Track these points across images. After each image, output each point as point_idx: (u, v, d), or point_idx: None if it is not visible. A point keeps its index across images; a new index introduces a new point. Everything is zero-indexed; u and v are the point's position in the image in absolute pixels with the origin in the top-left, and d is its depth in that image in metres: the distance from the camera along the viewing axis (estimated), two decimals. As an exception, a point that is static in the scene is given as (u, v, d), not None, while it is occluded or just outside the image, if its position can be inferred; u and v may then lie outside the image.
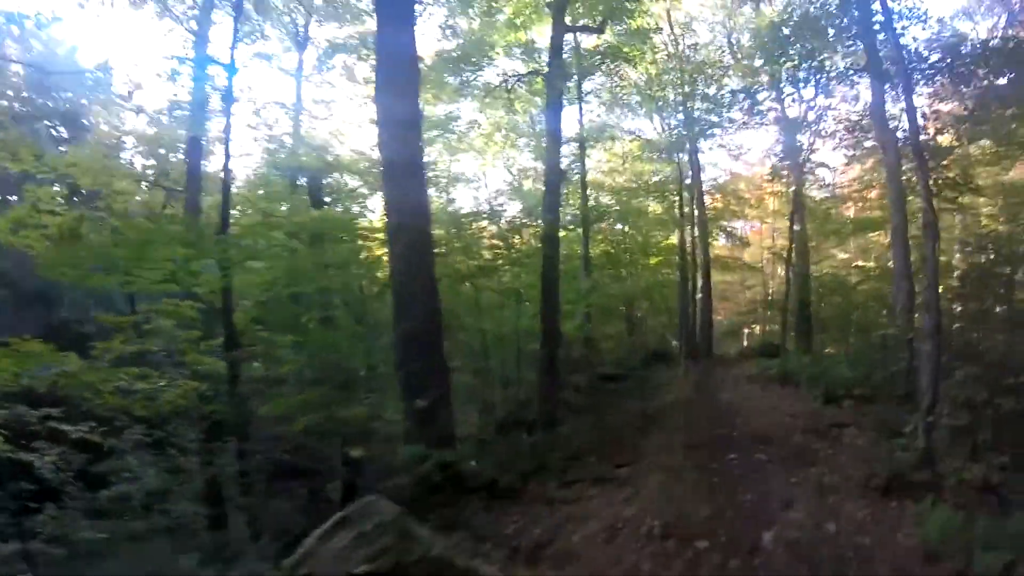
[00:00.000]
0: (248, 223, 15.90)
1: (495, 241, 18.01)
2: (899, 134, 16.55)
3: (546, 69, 18.41)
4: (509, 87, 20.84)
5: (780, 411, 15.04)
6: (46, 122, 22.76)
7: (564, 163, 25.28)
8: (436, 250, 17.02)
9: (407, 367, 10.45)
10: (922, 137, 14.56)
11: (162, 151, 21.53)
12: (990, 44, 16.68)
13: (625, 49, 21.59)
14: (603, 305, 24.87)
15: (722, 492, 8.83)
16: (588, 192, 26.37)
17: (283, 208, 18.31)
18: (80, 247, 13.00)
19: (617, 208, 27.52)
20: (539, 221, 17.99)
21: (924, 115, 16.14)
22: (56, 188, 17.08)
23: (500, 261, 16.95)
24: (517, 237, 18.22)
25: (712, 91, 22.56)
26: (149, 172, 22.04)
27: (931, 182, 13.46)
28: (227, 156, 15.23)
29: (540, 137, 22.66)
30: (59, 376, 11.11)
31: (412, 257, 10.76)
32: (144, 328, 12.98)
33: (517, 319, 16.84)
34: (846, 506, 8.19)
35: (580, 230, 24.46)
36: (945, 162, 18.42)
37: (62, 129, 23.50)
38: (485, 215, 19.45)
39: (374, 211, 21.25)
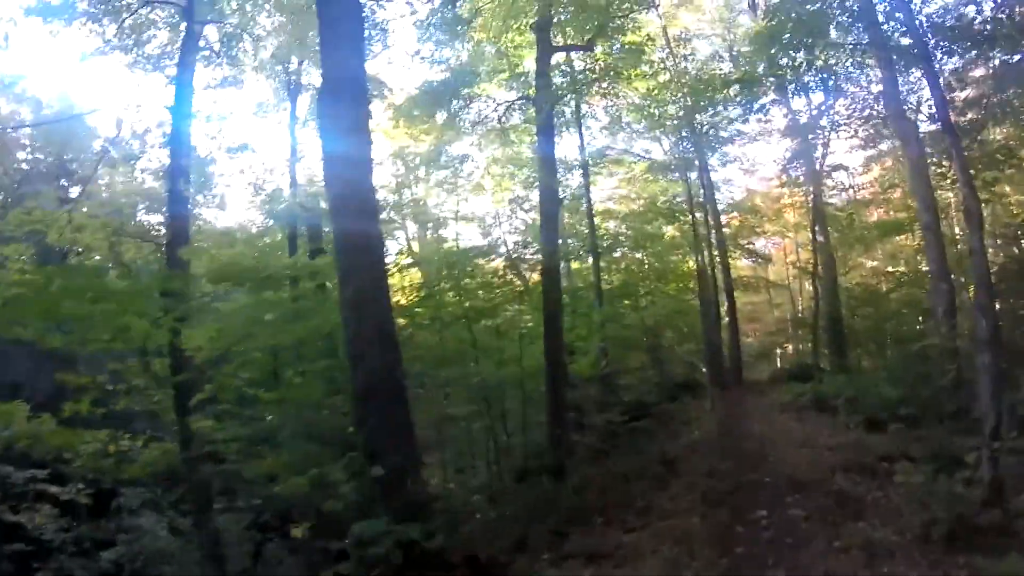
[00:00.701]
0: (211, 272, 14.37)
1: (497, 279, 16.55)
2: (920, 122, 14.91)
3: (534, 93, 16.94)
4: (500, 116, 19.37)
5: (817, 444, 13.21)
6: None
7: (568, 190, 23.91)
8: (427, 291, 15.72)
9: (365, 427, 9.01)
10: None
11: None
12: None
13: (620, 67, 20.03)
14: (621, 338, 23.19)
15: (747, 568, 6.99)
16: (597, 220, 24.78)
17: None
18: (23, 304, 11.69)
19: (629, 234, 25.80)
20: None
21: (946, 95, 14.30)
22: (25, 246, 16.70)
23: (497, 298, 15.42)
24: (514, 272, 16.63)
25: (716, 97, 20.74)
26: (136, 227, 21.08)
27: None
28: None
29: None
30: (16, 437, 11.12)
31: (363, 303, 9.21)
32: (112, 388, 12.38)
33: (520, 359, 15.15)
34: (904, 571, 6.39)
35: (590, 260, 22.81)
36: (980, 138, 16.62)
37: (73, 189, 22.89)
38: (480, 251, 17.77)
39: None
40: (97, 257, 18.39)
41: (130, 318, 11.53)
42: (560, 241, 24.98)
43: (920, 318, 22.23)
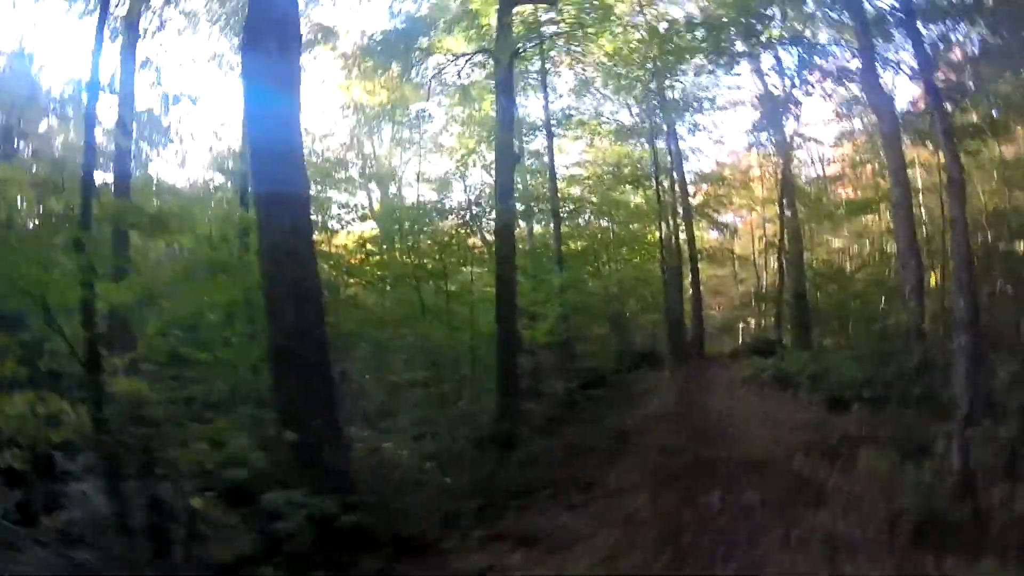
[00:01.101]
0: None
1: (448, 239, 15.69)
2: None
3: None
4: (460, 71, 18.41)
5: (778, 422, 12.55)
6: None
7: (530, 151, 23.03)
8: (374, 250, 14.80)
9: (281, 392, 8.15)
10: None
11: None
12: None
13: (586, 24, 18.99)
14: (582, 304, 22.44)
15: (694, 561, 6.24)
16: (561, 186, 23.92)
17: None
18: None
19: (593, 200, 24.97)
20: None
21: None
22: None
23: (446, 259, 14.60)
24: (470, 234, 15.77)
25: (683, 52, 19.79)
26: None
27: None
28: (89, 157, 12.79)
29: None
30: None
31: (280, 256, 8.27)
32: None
33: (471, 324, 14.33)
34: (868, 571, 5.69)
35: (552, 225, 21.98)
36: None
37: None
38: (437, 210, 16.85)
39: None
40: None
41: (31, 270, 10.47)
42: (520, 206, 24.31)
43: (883, 299, 21.80)
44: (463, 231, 15.40)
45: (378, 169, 26.23)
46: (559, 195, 22.79)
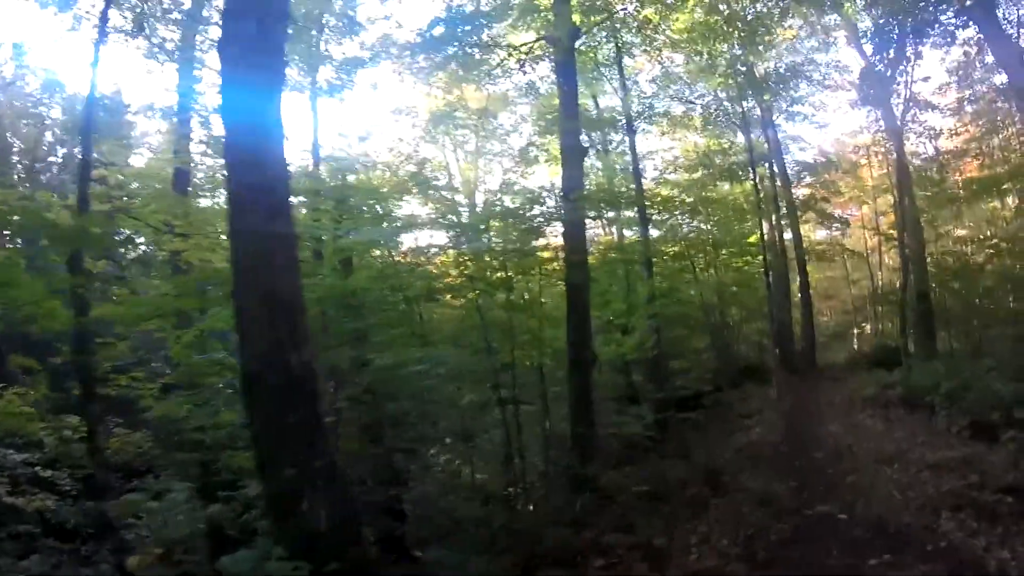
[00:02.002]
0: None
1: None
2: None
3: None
4: (522, 62, 16.16)
5: (911, 459, 9.74)
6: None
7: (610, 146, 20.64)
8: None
9: (257, 428, 6.39)
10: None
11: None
12: None
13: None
14: (675, 315, 19.87)
15: None
16: (650, 186, 21.39)
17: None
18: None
19: (686, 200, 22.30)
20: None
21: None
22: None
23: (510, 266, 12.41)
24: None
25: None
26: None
27: None
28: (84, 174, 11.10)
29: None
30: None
31: (250, 266, 6.37)
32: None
33: (539, 339, 12.01)
34: None
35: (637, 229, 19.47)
36: None
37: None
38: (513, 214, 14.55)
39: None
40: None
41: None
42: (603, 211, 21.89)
43: (1012, 296, 18.59)
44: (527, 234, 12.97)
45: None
46: (646, 194, 20.19)
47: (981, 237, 23.19)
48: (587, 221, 15.28)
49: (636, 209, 19.18)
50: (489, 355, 11.71)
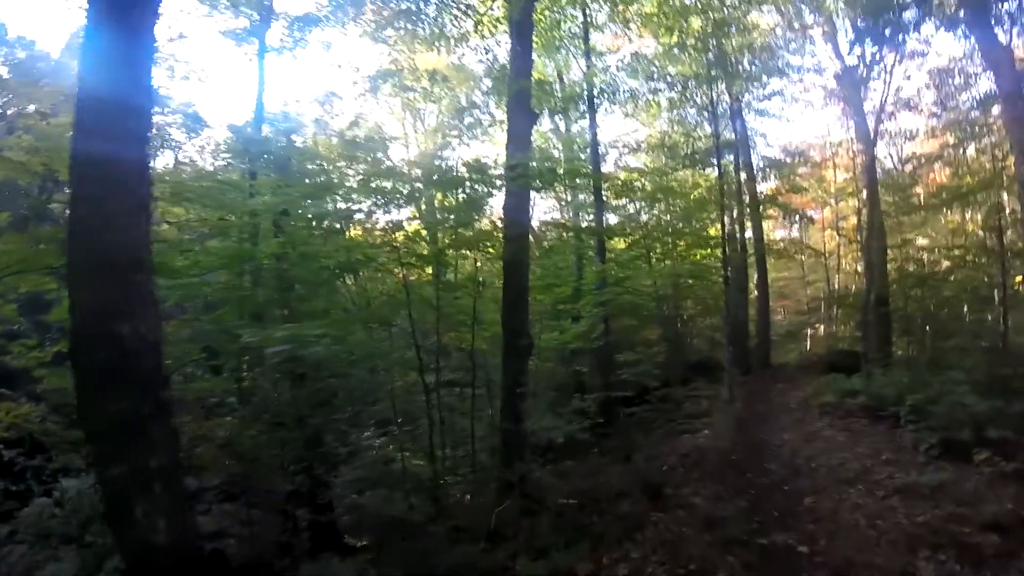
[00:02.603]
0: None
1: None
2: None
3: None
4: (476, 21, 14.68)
5: (877, 481, 8.44)
6: None
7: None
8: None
9: (82, 414, 5.26)
10: None
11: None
12: None
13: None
14: (627, 304, 18.55)
15: None
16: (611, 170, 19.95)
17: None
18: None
19: (645, 186, 20.85)
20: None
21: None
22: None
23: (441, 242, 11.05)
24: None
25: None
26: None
27: None
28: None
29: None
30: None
31: (82, 209, 4.78)
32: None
33: (472, 320, 10.85)
34: None
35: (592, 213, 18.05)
36: None
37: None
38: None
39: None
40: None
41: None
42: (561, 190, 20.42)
43: (967, 308, 18.39)
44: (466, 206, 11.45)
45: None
46: (604, 178, 18.71)
47: (945, 247, 22.14)
48: (544, 204, 13.97)
49: (592, 190, 17.71)
50: (414, 336, 10.42)
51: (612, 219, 20.63)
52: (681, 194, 20.28)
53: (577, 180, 17.35)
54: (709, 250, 20.90)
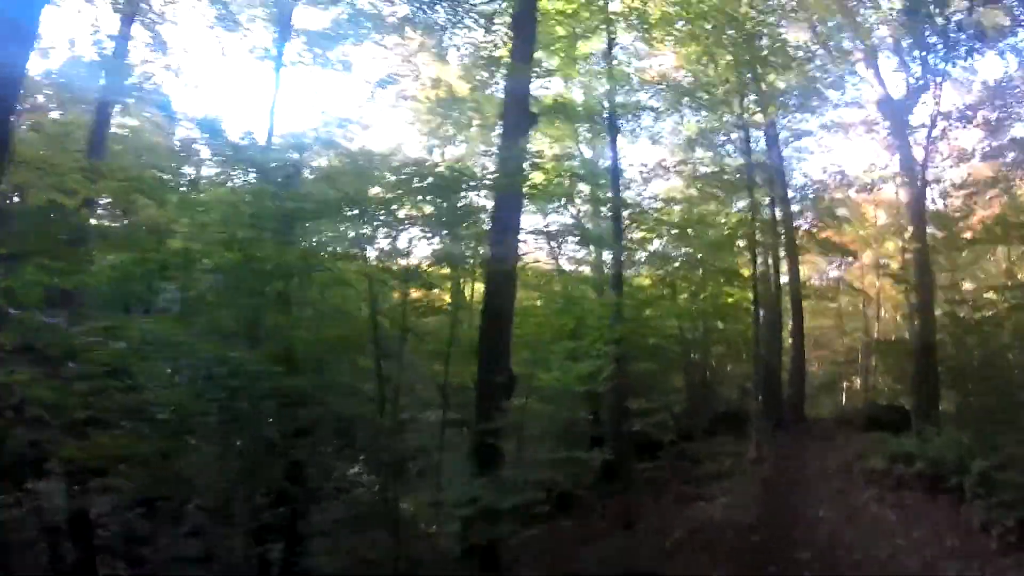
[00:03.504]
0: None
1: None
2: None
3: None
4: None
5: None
6: None
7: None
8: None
9: None
10: None
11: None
12: None
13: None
14: (647, 346, 16.33)
15: None
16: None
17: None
18: None
19: (671, 216, 18.60)
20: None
21: None
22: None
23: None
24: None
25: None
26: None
27: None
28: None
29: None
30: None
31: None
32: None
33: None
34: None
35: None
36: None
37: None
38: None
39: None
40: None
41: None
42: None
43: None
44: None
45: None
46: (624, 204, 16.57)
47: (999, 287, 19.46)
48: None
49: (611, 216, 15.60)
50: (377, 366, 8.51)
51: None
52: (711, 224, 18.00)
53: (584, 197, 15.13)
54: (740, 290, 18.49)
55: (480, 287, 11.59)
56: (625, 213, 16.13)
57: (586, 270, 20.42)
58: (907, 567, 6.60)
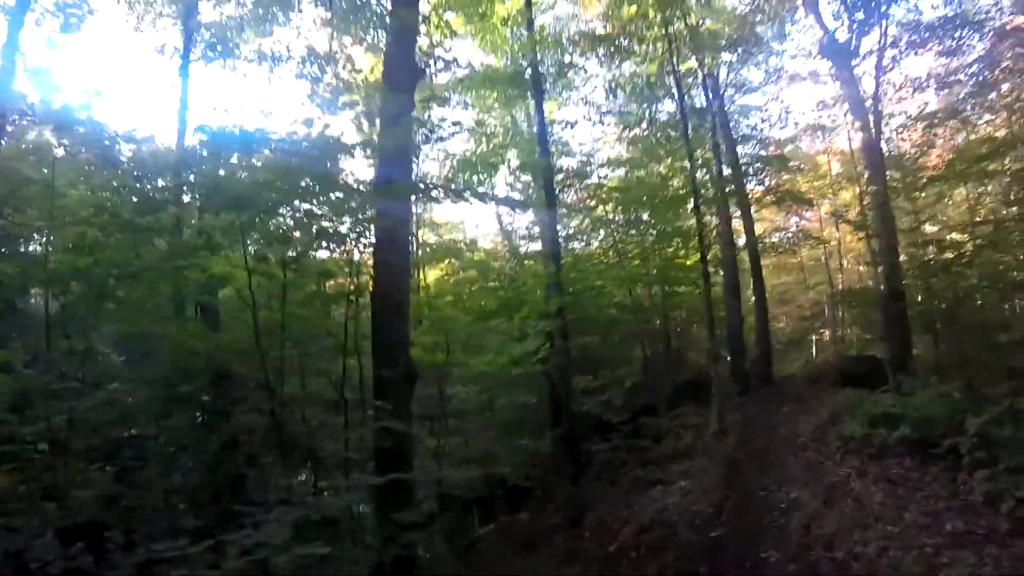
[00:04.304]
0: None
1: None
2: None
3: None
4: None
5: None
6: None
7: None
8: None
9: None
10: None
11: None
12: None
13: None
14: (602, 317, 14.82)
15: None
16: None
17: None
18: None
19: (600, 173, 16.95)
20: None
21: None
22: None
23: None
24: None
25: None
26: None
27: None
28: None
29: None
30: None
31: None
32: None
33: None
34: None
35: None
36: None
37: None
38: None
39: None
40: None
41: None
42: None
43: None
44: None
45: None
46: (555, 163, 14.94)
47: (965, 224, 17.95)
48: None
49: (541, 185, 13.95)
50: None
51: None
52: (655, 186, 16.36)
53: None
54: (695, 251, 16.88)
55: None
56: (558, 177, 14.58)
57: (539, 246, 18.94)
58: (902, 564, 5.04)
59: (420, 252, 21.42)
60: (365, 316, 8.09)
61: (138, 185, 8.76)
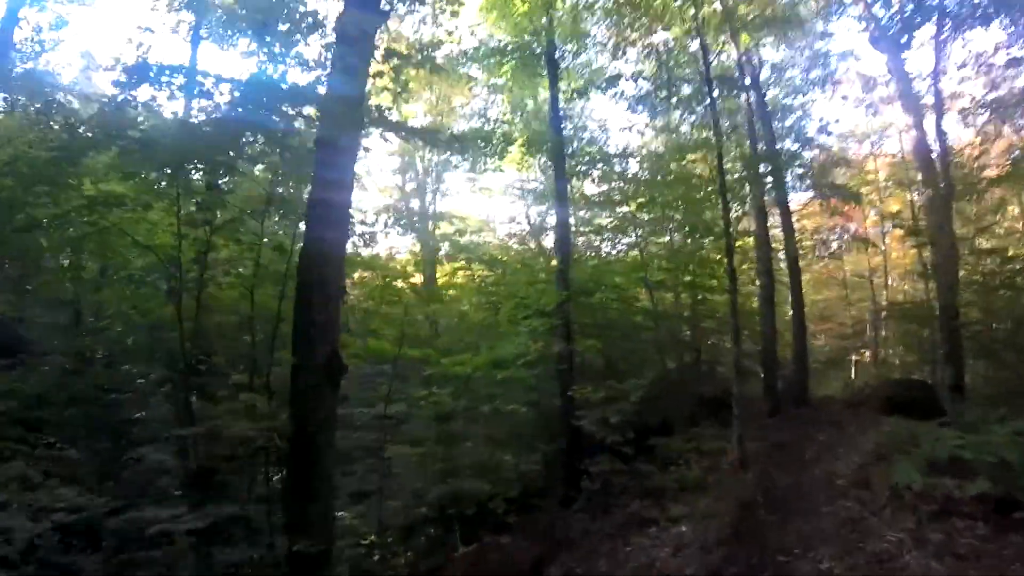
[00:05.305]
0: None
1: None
2: None
3: None
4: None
5: None
6: None
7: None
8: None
9: None
10: None
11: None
12: None
13: None
14: (618, 321, 13.66)
15: None
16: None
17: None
18: None
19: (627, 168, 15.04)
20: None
21: None
22: None
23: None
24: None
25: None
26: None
27: None
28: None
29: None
30: None
31: None
32: None
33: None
34: None
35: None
36: None
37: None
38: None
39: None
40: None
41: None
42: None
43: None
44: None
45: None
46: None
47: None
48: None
49: (552, 164, 12.10)
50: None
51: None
52: (680, 177, 14.42)
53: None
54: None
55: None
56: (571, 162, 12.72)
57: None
58: None
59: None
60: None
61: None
